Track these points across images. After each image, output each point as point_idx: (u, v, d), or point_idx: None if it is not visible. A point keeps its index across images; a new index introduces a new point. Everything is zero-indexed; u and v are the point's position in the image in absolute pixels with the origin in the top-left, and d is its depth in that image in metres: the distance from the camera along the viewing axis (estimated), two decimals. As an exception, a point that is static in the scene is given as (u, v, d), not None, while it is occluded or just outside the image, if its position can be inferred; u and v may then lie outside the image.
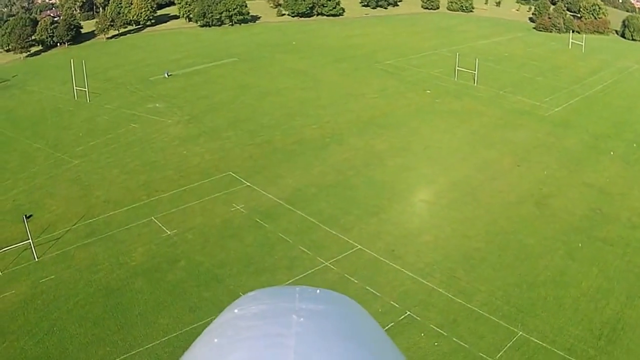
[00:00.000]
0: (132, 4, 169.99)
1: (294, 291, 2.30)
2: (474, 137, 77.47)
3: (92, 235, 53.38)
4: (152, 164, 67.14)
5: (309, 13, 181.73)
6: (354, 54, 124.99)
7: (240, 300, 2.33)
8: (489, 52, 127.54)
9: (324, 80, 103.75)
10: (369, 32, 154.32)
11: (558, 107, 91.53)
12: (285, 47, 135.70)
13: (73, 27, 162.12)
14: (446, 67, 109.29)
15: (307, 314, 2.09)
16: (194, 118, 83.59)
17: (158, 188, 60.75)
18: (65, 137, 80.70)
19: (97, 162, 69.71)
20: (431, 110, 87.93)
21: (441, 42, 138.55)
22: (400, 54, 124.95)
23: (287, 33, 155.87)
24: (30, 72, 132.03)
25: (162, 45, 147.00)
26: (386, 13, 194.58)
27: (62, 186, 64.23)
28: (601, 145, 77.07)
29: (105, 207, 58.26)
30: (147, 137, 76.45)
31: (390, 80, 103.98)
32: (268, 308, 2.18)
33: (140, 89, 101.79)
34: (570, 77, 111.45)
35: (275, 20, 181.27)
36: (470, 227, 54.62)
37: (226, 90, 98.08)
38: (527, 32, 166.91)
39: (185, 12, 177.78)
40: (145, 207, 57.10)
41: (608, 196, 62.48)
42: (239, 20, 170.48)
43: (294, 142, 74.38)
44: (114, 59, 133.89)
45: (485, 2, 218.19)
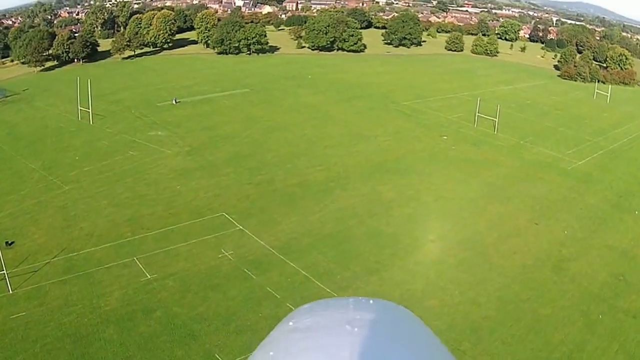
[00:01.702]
0: (151, 26, 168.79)
1: (348, 302, 2.29)
2: (490, 190, 73.02)
3: (69, 272, 49.47)
4: (143, 198, 63.41)
5: (329, 47, 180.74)
6: (370, 93, 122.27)
7: (294, 313, 2.33)
8: (511, 99, 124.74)
9: (336, 118, 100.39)
10: (389, 71, 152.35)
11: (581, 161, 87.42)
12: (301, 80, 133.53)
13: (89, 44, 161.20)
14: (466, 112, 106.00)
15: (361, 324, 2.11)
16: (194, 150, 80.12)
17: (145, 225, 56.84)
18: (62, 160, 77.71)
19: (88, 190, 66.18)
20: (446, 158, 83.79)
21: (462, 86, 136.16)
22: (418, 95, 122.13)
23: (304, 66, 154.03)
24: (41, 87, 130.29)
25: (176, 70, 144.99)
26: (408, 52, 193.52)
27: (48, 213, 60.76)
28: (625, 203, 72.69)
29: (87, 241, 54.43)
30: (143, 167, 73.01)
31: (406, 123, 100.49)
32: (322, 320, 2.20)
33: (146, 114, 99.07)
34: (594, 128, 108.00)
35: (294, 53, 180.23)
36: (480, 292, 49.78)
37: (233, 122, 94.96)
38: (551, 80, 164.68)
39: (203, 37, 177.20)
40: (129, 245, 53.13)
41: (632, 261, 57.55)
42: (257, 49, 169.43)
43: (296, 184, 70.36)
44: (125, 80, 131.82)
45: (510, 47, 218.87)
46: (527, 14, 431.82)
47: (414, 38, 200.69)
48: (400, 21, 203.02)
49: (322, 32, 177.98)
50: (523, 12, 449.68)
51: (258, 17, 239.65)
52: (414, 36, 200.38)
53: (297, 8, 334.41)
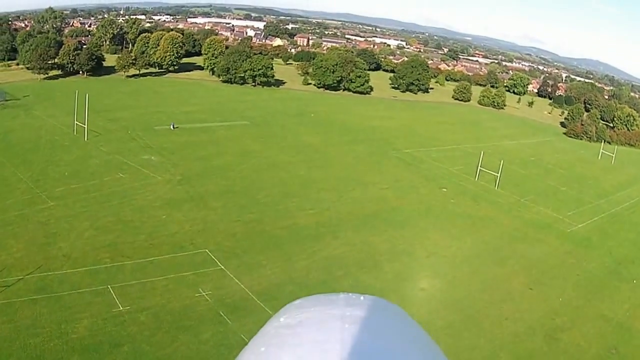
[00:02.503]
0: (159, 46, 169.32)
1: (339, 298, 2.35)
2: (485, 249, 71.84)
3: (42, 291, 48.04)
4: (126, 224, 62.25)
5: (335, 86, 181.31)
6: (372, 137, 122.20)
7: (286, 308, 2.40)
8: (515, 154, 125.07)
9: (334, 161, 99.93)
10: (393, 116, 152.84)
11: (581, 223, 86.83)
12: (303, 118, 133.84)
13: (95, 58, 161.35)
14: (468, 165, 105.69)
15: (352, 320, 2.13)
16: (185, 179, 79.25)
17: (124, 253, 55.59)
18: (51, 174, 76.89)
19: (72, 208, 65.09)
20: (443, 212, 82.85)
21: (466, 137, 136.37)
22: (421, 144, 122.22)
23: (308, 104, 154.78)
24: (42, 96, 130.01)
25: (178, 94, 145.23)
26: (415, 98, 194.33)
27: (29, 228, 59.44)
28: (624, 271, 71.78)
29: (64, 262, 53.12)
30: (131, 192, 72.01)
31: (405, 172, 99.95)
32: (313, 315, 2.23)
33: (142, 136, 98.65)
34: (596, 190, 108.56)
35: (300, 89, 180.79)
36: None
37: (228, 154, 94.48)
38: (556, 137, 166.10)
39: (210, 64, 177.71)
40: (105, 272, 51.82)
41: (627, 333, 56.29)
42: (262, 82, 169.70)
43: (285, 226, 69.22)
44: (126, 99, 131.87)
45: (517, 101, 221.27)
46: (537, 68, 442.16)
47: (421, 84, 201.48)
48: (409, 66, 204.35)
49: (330, 70, 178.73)
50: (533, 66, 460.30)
51: (267, 49, 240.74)
52: (422, 82, 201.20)
53: (307, 44, 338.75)
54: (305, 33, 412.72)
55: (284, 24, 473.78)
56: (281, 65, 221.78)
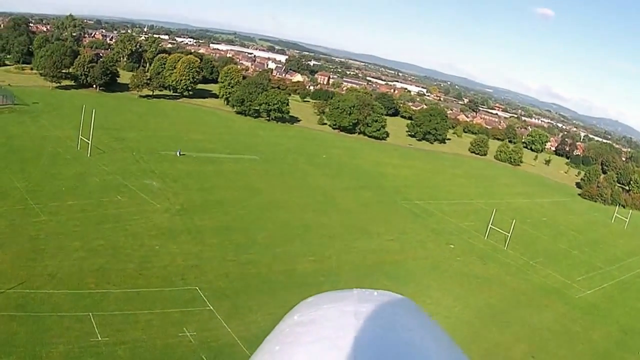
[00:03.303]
0: (175, 69, 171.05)
1: (352, 294, 2.52)
2: (489, 312, 70.65)
3: (21, 309, 47.66)
4: (117, 250, 62.03)
5: (351, 129, 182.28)
6: (383, 185, 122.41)
7: (299, 306, 2.54)
8: (527, 213, 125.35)
9: (341, 206, 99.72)
10: (407, 165, 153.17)
11: (590, 290, 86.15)
12: (314, 158, 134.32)
13: (109, 73, 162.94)
14: (479, 222, 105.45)
15: (366, 316, 2.21)
16: (184, 210, 79.21)
17: (111, 280, 55.25)
18: (48, 187, 77.30)
19: (64, 226, 65.14)
20: (448, 269, 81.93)
21: (480, 192, 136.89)
22: (432, 196, 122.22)
23: (321, 144, 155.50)
24: (51, 105, 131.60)
25: (189, 120, 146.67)
26: (431, 148, 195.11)
27: (18, 240, 59.45)
28: (630, 342, 70.69)
29: (48, 281, 52.83)
30: (127, 216, 72.01)
31: (414, 224, 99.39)
32: (327, 312, 2.33)
33: (146, 159, 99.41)
34: (608, 255, 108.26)
35: (314, 128, 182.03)
36: None
37: (233, 189, 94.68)
38: (571, 198, 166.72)
39: (225, 93, 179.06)
40: (89, 297, 51.44)
41: None
42: (277, 117, 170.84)
43: (283, 271, 68.62)
44: (135, 119, 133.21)
45: (534, 158, 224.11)
46: (555, 125, 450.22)
47: (438, 134, 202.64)
48: (427, 114, 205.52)
49: (346, 112, 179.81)
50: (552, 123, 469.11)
51: (286, 84, 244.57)
52: (439, 132, 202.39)
53: (328, 82, 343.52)
54: (326, 71, 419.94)
55: (307, 60, 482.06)
56: (298, 102, 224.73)
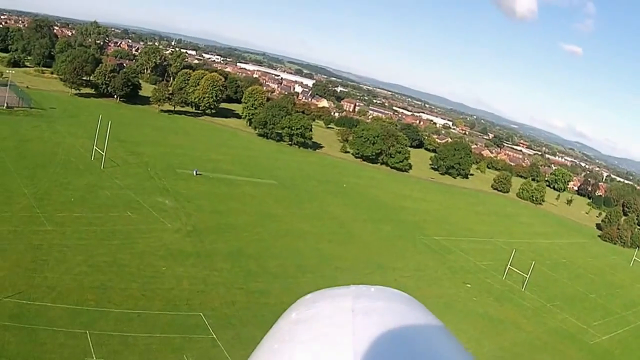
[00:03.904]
0: (198, 86, 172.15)
1: (349, 290, 2.47)
2: (502, 356, 69.03)
3: (16, 319, 47.21)
4: (122, 268, 61.62)
5: (373, 159, 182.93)
6: (402, 218, 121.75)
7: (297, 304, 2.56)
8: (547, 254, 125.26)
9: (358, 238, 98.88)
10: (428, 199, 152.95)
11: (605, 335, 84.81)
12: (334, 186, 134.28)
13: (131, 84, 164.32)
14: (497, 261, 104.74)
15: (364, 312, 2.24)
16: (196, 232, 78.85)
17: (112, 299, 54.76)
18: (56, 195, 77.72)
19: (69, 238, 65.08)
20: (463, 309, 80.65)
21: (500, 231, 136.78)
22: (452, 232, 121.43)
23: (342, 172, 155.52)
24: (68, 112, 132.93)
25: (209, 139, 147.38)
26: (452, 183, 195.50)
27: (19, 248, 59.54)
28: None
29: (46, 293, 52.52)
30: (135, 234, 71.77)
31: (431, 261, 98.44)
32: (324, 309, 2.36)
33: (161, 176, 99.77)
34: (625, 299, 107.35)
35: (336, 155, 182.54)
36: None
37: (248, 213, 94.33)
38: (590, 240, 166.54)
39: (248, 114, 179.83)
40: (87, 315, 50.93)
41: None
42: (299, 142, 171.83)
43: (292, 303, 67.68)
44: (154, 134, 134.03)
45: (556, 197, 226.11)
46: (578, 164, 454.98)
47: (462, 169, 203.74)
48: (452, 148, 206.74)
49: (370, 141, 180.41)
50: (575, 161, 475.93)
51: (310, 109, 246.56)
52: (462, 167, 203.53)
53: (353, 109, 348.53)
54: (353, 98, 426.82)
55: (334, 85, 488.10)
56: (321, 127, 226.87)
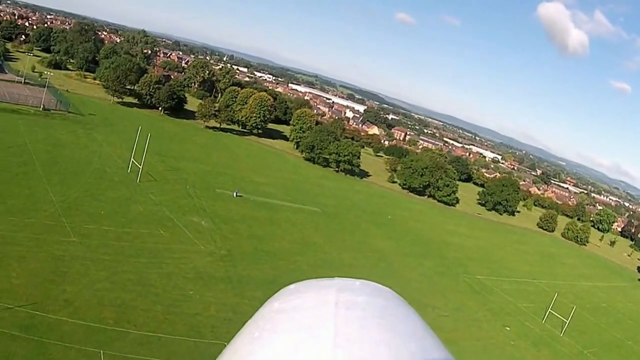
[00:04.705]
0: (246, 105, 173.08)
1: (333, 283, 2.45)
2: None
3: (26, 330, 46.44)
4: (147, 287, 60.57)
5: (420, 191, 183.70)
6: (446, 254, 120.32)
7: (280, 293, 2.49)
8: (587, 298, 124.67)
9: (398, 273, 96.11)
10: (473, 235, 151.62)
11: None
12: (378, 218, 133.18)
13: (176, 97, 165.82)
14: (538, 303, 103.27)
15: (347, 305, 2.25)
16: (230, 256, 77.50)
17: (132, 319, 53.59)
18: (86, 206, 77.78)
19: (94, 251, 64.51)
20: (501, 354, 78.80)
21: (542, 272, 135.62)
22: (495, 271, 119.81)
23: (388, 203, 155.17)
24: (108, 120, 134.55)
25: (253, 160, 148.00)
26: (499, 219, 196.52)
27: (39, 256, 59.20)
28: None
29: (63, 307, 51.67)
30: (165, 253, 70.93)
31: (471, 300, 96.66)
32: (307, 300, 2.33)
33: (200, 195, 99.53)
34: None
35: (383, 185, 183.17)
36: None
37: (286, 240, 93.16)
38: (631, 283, 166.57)
39: (296, 137, 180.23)
40: (103, 333, 49.82)
41: None
42: (346, 169, 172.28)
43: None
44: (196, 150, 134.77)
45: (600, 239, 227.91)
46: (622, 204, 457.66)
47: (509, 206, 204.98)
48: (500, 184, 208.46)
49: (418, 172, 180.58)
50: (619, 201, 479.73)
51: (360, 136, 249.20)
52: (509, 204, 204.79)
53: (404, 138, 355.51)
54: (404, 127, 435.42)
55: (385, 113, 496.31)
56: (370, 155, 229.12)
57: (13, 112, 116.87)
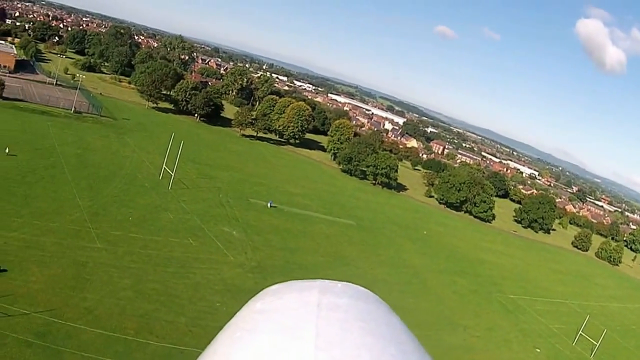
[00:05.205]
0: (284, 114, 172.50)
1: (316, 285, 2.47)
2: None
3: (42, 337, 45.36)
4: (172, 298, 59.20)
5: (457, 206, 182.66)
6: (480, 272, 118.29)
7: (262, 294, 2.52)
8: (618, 320, 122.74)
9: (431, 291, 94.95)
10: (507, 253, 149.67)
11: None
12: (414, 233, 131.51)
13: (212, 104, 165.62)
14: (569, 325, 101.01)
15: (328, 307, 2.27)
16: (260, 269, 75.83)
17: (155, 331, 52.18)
18: (113, 212, 77.02)
19: (119, 259, 63.47)
20: None
21: (575, 292, 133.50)
22: (528, 291, 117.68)
23: (423, 218, 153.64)
24: (142, 125, 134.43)
25: (289, 170, 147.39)
26: (534, 237, 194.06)
27: (61, 262, 58.31)
28: None
29: (82, 315, 50.45)
30: (193, 263, 69.65)
31: (503, 320, 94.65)
32: (289, 302, 2.37)
33: (233, 204, 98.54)
34: None
35: (420, 199, 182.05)
36: None
37: (319, 253, 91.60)
38: None
39: (333, 148, 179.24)
40: (123, 344, 48.47)
41: None
42: (383, 182, 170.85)
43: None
44: (231, 158, 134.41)
45: (633, 259, 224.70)
46: None
47: (545, 223, 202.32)
48: (537, 202, 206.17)
49: (456, 187, 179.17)
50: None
51: (398, 148, 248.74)
52: (545, 222, 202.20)
53: (442, 152, 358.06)
54: (442, 140, 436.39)
55: (424, 125, 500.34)
56: (408, 169, 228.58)
57: (43, 114, 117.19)
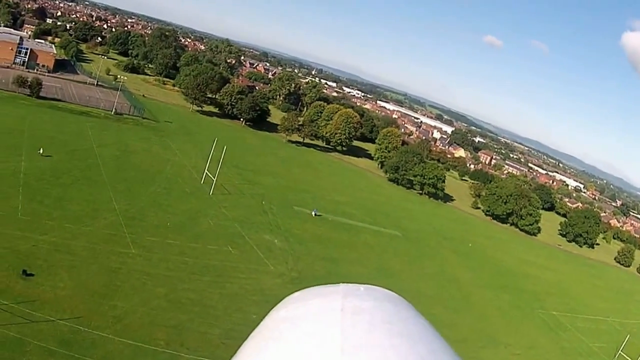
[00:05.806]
0: (331, 120, 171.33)
1: (338, 289, 2.51)
2: None
3: (66, 345, 44.09)
4: (206, 308, 57.51)
5: (503, 218, 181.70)
6: (523, 287, 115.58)
7: (285, 301, 2.59)
8: None
9: (474, 306, 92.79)
10: (552, 268, 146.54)
11: None
12: (459, 245, 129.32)
13: (259, 109, 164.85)
14: (609, 343, 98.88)
15: (353, 311, 2.32)
16: (301, 279, 73.75)
17: (187, 342, 50.42)
18: (151, 217, 76.03)
19: (154, 266, 62.17)
20: None
21: (616, 309, 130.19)
22: (570, 307, 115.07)
23: (469, 230, 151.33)
24: (185, 128, 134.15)
25: (335, 178, 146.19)
26: (578, 252, 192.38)
27: (91, 268, 57.19)
28: None
29: (111, 324, 49.06)
30: (231, 272, 68.10)
31: (544, 338, 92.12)
32: (313, 308, 2.41)
33: (276, 212, 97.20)
34: None
35: (466, 211, 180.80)
36: None
37: (362, 265, 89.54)
38: None
39: (380, 156, 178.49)
40: (152, 356, 46.85)
41: None
42: (430, 192, 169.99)
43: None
44: (275, 164, 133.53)
45: None
46: None
47: (589, 238, 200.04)
48: (582, 216, 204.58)
49: (502, 199, 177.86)
50: None
51: (446, 158, 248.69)
52: (589, 236, 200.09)
53: (490, 162, 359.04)
54: (490, 150, 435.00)
55: (472, 135, 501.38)
56: (455, 179, 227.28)
57: (81, 115, 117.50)
